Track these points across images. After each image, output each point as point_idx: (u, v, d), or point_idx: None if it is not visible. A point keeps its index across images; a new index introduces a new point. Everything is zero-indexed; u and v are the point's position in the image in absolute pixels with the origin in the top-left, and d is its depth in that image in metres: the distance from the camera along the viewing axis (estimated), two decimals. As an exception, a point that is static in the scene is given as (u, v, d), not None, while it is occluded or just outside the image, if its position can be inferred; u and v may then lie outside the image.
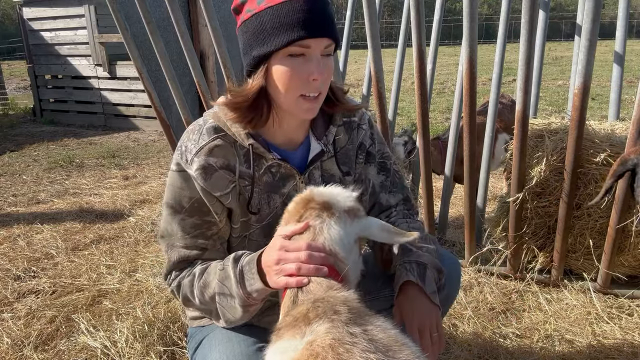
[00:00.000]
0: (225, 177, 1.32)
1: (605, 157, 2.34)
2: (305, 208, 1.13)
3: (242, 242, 1.40)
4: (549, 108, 7.92)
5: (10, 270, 2.99)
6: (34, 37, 8.53)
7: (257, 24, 1.21)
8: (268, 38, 1.19)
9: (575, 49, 2.92)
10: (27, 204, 4.27)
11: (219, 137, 1.32)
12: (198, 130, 1.34)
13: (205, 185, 1.30)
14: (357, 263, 1.17)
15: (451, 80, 11.78)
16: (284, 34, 1.18)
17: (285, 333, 0.93)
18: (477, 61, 2.32)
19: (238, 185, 1.34)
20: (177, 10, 2.60)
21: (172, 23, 2.63)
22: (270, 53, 1.20)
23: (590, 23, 2.01)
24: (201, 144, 1.31)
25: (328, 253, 1.08)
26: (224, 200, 1.33)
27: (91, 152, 6.28)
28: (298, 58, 1.21)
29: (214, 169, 1.30)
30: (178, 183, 1.33)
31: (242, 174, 1.33)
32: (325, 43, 1.21)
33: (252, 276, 1.19)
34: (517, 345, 2.15)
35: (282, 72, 1.22)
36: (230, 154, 1.32)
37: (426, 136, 2.61)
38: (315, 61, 1.20)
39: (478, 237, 2.86)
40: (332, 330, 0.87)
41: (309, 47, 1.20)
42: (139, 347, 2.16)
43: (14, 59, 21.92)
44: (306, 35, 1.17)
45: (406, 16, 3.05)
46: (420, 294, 1.28)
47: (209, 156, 1.30)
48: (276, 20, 1.18)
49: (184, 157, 1.32)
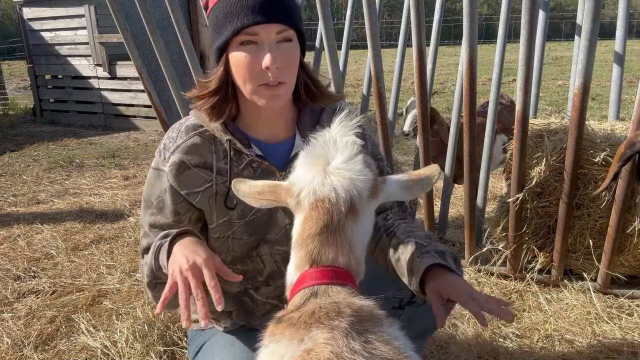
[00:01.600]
0: (199, 176, 1.32)
1: (605, 157, 2.34)
2: (320, 217, 1.02)
3: (226, 242, 1.38)
4: (549, 108, 7.92)
5: (10, 270, 2.99)
6: (34, 37, 8.53)
7: (214, 17, 1.23)
8: (222, 29, 1.21)
9: (575, 49, 2.92)
10: (27, 204, 4.27)
11: (197, 134, 1.33)
12: (177, 128, 1.36)
13: (174, 182, 1.31)
14: (369, 227, 1.13)
15: (451, 80, 11.78)
16: (232, 22, 1.18)
17: (286, 331, 0.91)
18: (477, 61, 2.33)
19: (215, 184, 1.33)
20: (177, 10, 2.60)
21: (172, 23, 2.63)
22: (224, 43, 1.21)
23: (590, 23, 2.01)
24: (178, 142, 1.32)
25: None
26: (191, 198, 1.33)
27: (91, 152, 6.28)
28: (250, 46, 1.19)
29: (187, 167, 1.31)
30: (152, 180, 1.36)
31: (220, 170, 1.33)
32: (276, 29, 1.19)
33: (164, 250, 1.20)
34: (517, 345, 2.15)
35: (236, 61, 1.22)
36: (207, 151, 1.33)
37: (426, 136, 2.61)
38: (266, 48, 1.18)
39: (478, 237, 2.86)
40: (331, 342, 0.84)
41: (257, 34, 1.18)
42: (139, 347, 2.16)
43: (14, 59, 21.91)
44: (251, 22, 1.16)
45: (406, 16, 3.05)
46: (448, 272, 1.23)
47: (185, 154, 1.31)
48: (226, 11, 1.19)
49: (162, 155, 1.35)
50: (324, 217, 1.02)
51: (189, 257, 1.11)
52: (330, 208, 1.01)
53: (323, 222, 1.02)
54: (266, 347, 0.95)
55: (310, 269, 1.01)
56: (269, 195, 1.11)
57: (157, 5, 5.81)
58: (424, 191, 1.17)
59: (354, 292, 0.99)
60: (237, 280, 1.16)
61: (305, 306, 0.95)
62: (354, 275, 1.04)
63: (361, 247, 1.08)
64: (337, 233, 1.02)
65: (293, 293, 1.02)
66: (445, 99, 9.52)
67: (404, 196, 1.14)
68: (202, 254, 1.12)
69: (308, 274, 1.00)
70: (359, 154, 1.06)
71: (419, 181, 1.13)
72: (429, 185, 1.14)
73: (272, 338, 0.94)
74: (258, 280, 1.45)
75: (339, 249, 1.02)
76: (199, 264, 1.10)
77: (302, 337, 0.89)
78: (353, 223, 1.04)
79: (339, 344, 0.84)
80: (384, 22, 27.43)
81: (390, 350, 0.86)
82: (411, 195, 1.15)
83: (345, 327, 0.88)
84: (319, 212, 1.02)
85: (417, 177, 1.13)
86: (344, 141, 1.06)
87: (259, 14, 1.16)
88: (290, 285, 1.05)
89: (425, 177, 1.13)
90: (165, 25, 5.48)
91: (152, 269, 1.27)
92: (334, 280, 0.99)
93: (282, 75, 1.22)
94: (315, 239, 1.02)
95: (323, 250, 1.01)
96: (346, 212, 1.02)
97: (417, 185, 1.13)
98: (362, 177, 1.04)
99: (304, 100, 1.37)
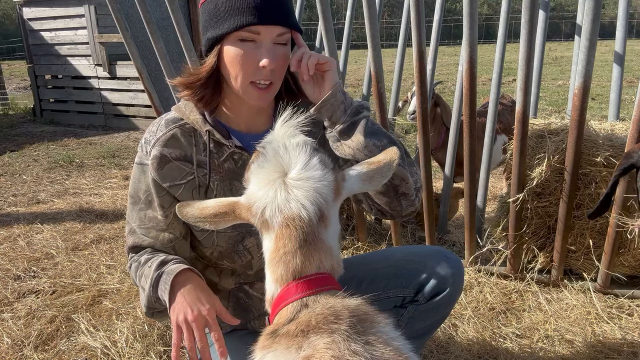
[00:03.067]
0: (180, 169, 1.33)
1: (606, 157, 2.34)
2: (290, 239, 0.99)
3: (210, 236, 1.38)
4: (549, 108, 7.92)
5: (10, 270, 2.99)
6: (34, 37, 8.53)
7: (213, 6, 1.22)
8: (221, 21, 1.20)
9: (575, 49, 2.92)
10: (27, 204, 4.27)
11: (177, 127, 1.33)
12: (158, 122, 1.37)
13: (156, 175, 1.32)
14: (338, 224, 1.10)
15: (451, 80, 11.78)
16: (235, 18, 1.18)
17: (282, 341, 0.90)
18: (477, 61, 2.32)
19: (197, 177, 1.34)
20: (177, 10, 2.60)
21: (172, 23, 2.63)
22: (221, 36, 1.21)
23: (590, 23, 2.01)
24: (158, 135, 1.33)
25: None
26: (174, 191, 1.33)
27: (91, 152, 6.28)
28: (248, 43, 1.20)
29: (168, 160, 1.32)
30: (137, 175, 1.36)
31: (200, 162, 1.34)
32: (278, 31, 1.20)
33: (165, 287, 1.23)
34: (517, 345, 2.15)
35: (232, 56, 1.22)
36: (187, 144, 1.33)
37: (426, 136, 2.61)
38: (264, 48, 1.20)
39: (478, 237, 2.86)
40: (332, 347, 0.83)
41: (259, 34, 1.19)
42: (139, 347, 2.16)
43: (14, 59, 21.90)
44: (256, 21, 1.17)
45: (406, 16, 3.05)
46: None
47: (165, 147, 1.32)
48: (229, 4, 1.19)
49: (143, 149, 1.35)
50: (299, 234, 0.99)
51: (192, 307, 1.17)
52: (303, 225, 0.98)
53: (300, 238, 0.99)
54: (262, 359, 0.93)
55: (293, 281, 0.99)
56: (226, 217, 1.06)
57: (157, 5, 5.81)
58: (386, 179, 1.11)
59: (342, 294, 0.98)
60: (235, 324, 1.23)
61: (298, 318, 0.93)
62: (335, 274, 1.04)
63: (336, 246, 1.07)
64: (315, 243, 1.00)
65: (277, 306, 1.00)
66: (445, 99, 9.52)
67: (366, 188, 1.11)
68: (204, 303, 1.18)
69: (293, 287, 0.98)
70: (314, 155, 1.02)
71: (378, 170, 1.08)
72: (390, 172, 1.10)
73: (268, 349, 0.92)
74: (249, 275, 1.46)
75: (322, 255, 1.01)
76: (204, 315, 1.16)
77: (300, 344, 0.87)
78: (325, 229, 1.03)
79: (340, 348, 0.83)
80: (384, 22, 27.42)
81: (390, 351, 0.85)
82: (374, 186, 1.11)
83: (345, 330, 0.87)
84: (291, 230, 0.99)
85: (377, 165, 1.08)
86: (294, 143, 1.02)
87: (265, 14, 1.17)
88: (271, 299, 1.03)
89: (385, 164, 1.09)
90: (165, 25, 5.48)
91: (149, 299, 1.29)
92: (320, 288, 0.98)
93: (274, 76, 1.24)
94: (295, 254, 0.99)
95: (307, 263, 0.99)
96: (318, 223, 1.00)
97: (377, 175, 1.09)
98: (325, 182, 1.01)
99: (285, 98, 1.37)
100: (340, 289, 1.02)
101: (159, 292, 1.25)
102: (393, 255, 1.65)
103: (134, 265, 1.36)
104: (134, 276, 1.37)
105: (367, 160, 1.11)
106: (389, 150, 1.12)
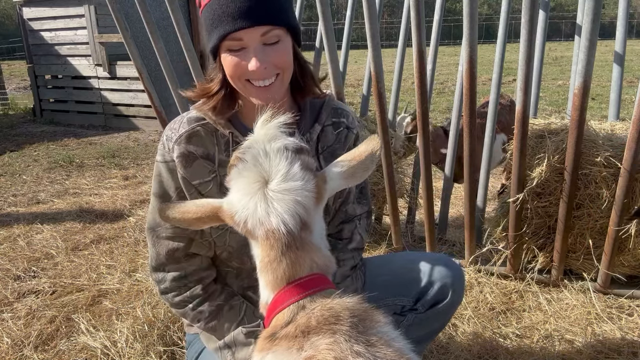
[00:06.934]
0: (205, 166, 1.33)
1: (606, 157, 2.34)
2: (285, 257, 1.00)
3: (224, 235, 1.38)
4: (549, 108, 7.92)
5: (10, 270, 2.99)
6: (34, 37, 8.53)
7: (204, 19, 1.24)
8: (211, 34, 1.22)
9: (575, 49, 2.91)
10: (27, 204, 4.27)
11: (199, 125, 1.33)
12: (180, 120, 1.37)
13: (185, 173, 1.32)
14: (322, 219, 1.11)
15: (451, 80, 11.78)
16: (218, 29, 1.19)
17: (282, 342, 0.89)
18: (477, 61, 2.32)
19: (219, 175, 1.34)
20: (177, 10, 2.60)
21: (172, 23, 2.63)
22: (214, 49, 1.23)
23: (590, 23, 2.01)
24: (181, 131, 1.33)
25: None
26: (202, 189, 1.33)
27: (91, 152, 6.28)
28: (238, 51, 1.20)
29: (195, 157, 1.32)
30: (164, 173, 1.36)
31: (222, 162, 1.34)
32: (260, 31, 1.18)
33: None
34: (517, 345, 2.15)
35: (226, 65, 1.24)
36: (209, 143, 1.34)
37: (426, 136, 2.60)
38: (252, 52, 1.19)
39: (478, 237, 2.86)
40: (333, 347, 0.82)
41: (241, 40, 1.18)
42: (139, 347, 2.16)
43: (14, 59, 21.90)
44: (233, 28, 1.16)
45: (406, 16, 3.05)
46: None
47: (189, 144, 1.32)
48: (212, 16, 1.20)
49: (166, 146, 1.35)
50: (280, 245, 0.99)
51: None
52: (283, 237, 0.99)
53: (282, 248, 0.99)
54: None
55: (287, 286, 0.99)
56: (209, 220, 1.07)
57: (157, 5, 5.81)
58: (369, 172, 1.09)
59: (338, 293, 0.98)
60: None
61: (296, 320, 0.93)
62: (328, 272, 1.04)
63: (324, 244, 1.08)
64: (303, 247, 1.00)
65: (272, 311, 1.00)
66: (445, 99, 9.53)
67: (350, 184, 1.10)
68: None
69: (288, 291, 0.98)
70: (294, 162, 1.00)
71: (360, 165, 1.06)
72: (373, 164, 1.07)
73: (268, 351, 0.91)
74: (254, 279, 1.46)
75: (313, 255, 1.01)
76: None
77: (301, 345, 0.87)
78: (311, 233, 1.03)
79: (342, 348, 0.83)
80: (384, 22, 27.42)
81: (392, 352, 0.85)
82: (357, 180, 1.09)
83: (346, 330, 0.86)
84: (274, 240, 0.99)
85: (358, 160, 1.06)
86: (275, 149, 1.00)
87: (240, 19, 1.16)
88: (265, 304, 1.03)
89: (367, 157, 1.06)
90: (165, 25, 5.48)
91: (205, 329, 1.39)
92: (315, 289, 0.98)
93: (273, 74, 1.23)
94: (281, 262, 0.99)
95: (297, 266, 1.00)
96: (300, 231, 1.00)
97: (360, 170, 1.07)
98: (306, 193, 0.99)
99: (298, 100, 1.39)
100: (334, 287, 1.02)
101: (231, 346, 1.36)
102: (392, 262, 1.64)
103: (193, 312, 1.40)
104: (193, 319, 1.40)
105: (348, 157, 1.08)
106: (370, 140, 1.09)
